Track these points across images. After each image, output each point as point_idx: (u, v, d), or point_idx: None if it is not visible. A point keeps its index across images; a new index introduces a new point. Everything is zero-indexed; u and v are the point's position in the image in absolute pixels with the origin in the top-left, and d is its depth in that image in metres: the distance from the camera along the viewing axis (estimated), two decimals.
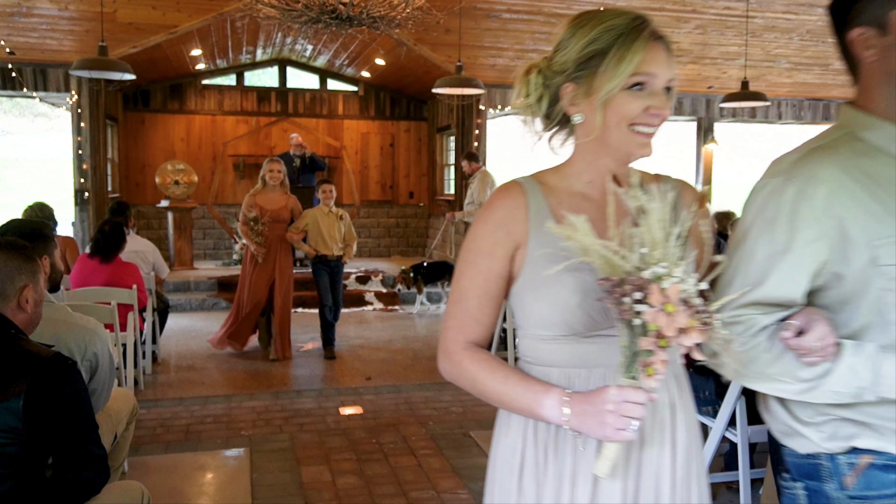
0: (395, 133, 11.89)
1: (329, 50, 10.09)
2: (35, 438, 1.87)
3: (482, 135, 9.90)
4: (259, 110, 11.30)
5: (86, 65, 5.88)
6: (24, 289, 2.07)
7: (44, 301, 2.21)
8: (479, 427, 4.42)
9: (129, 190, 10.63)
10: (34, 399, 1.85)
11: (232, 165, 11.11)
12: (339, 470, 3.80)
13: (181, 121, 11.01)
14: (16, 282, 2.06)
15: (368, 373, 5.81)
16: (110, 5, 7.05)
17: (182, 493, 3.51)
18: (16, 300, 2.06)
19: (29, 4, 7.15)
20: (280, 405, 4.93)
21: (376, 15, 5.93)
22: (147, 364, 5.61)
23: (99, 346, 2.65)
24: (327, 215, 6.19)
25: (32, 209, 5.31)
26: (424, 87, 9.63)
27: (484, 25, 8.28)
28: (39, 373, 1.88)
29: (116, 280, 4.86)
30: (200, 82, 11.02)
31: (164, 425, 4.48)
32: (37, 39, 7.92)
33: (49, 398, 1.88)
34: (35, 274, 2.12)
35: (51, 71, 8.44)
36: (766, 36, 8.85)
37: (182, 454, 4.01)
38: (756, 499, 3.20)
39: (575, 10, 8.01)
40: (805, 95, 11.10)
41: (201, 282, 8.90)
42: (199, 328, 7.45)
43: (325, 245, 6.15)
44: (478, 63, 9.12)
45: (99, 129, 8.64)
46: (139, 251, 5.66)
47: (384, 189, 11.92)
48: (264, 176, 6.09)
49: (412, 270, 8.58)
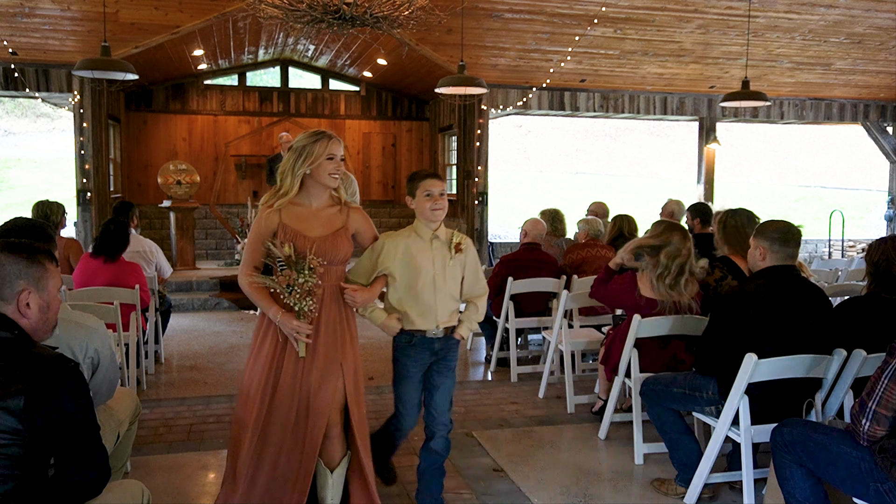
0: (397, 133, 11.89)
1: (331, 50, 10.10)
2: (36, 439, 1.87)
3: (484, 134, 9.90)
4: (261, 110, 11.31)
5: (88, 65, 5.89)
6: (23, 293, 1.98)
7: (54, 307, 2.09)
8: (481, 427, 4.42)
9: (131, 190, 10.64)
10: (36, 400, 1.85)
11: (234, 165, 11.12)
12: None
13: (183, 121, 11.03)
14: (15, 286, 1.97)
15: (370, 373, 5.81)
16: (112, 6, 7.06)
17: (185, 492, 3.51)
18: (14, 304, 1.98)
19: (31, 5, 7.16)
20: None
21: (379, 15, 5.93)
22: (150, 364, 5.61)
23: (99, 342, 2.65)
24: (429, 243, 3.10)
25: (40, 207, 5.28)
26: (426, 87, 9.64)
27: (486, 25, 8.28)
28: (41, 374, 1.88)
29: (119, 280, 4.86)
30: (202, 82, 11.03)
31: (166, 425, 4.49)
32: (39, 40, 7.94)
33: (51, 399, 1.87)
34: (38, 279, 2.01)
35: (53, 71, 8.46)
36: (768, 35, 8.84)
37: (185, 454, 4.01)
38: (759, 499, 3.20)
39: (576, 10, 8.02)
40: (807, 95, 11.09)
41: (203, 282, 8.91)
42: (202, 328, 7.46)
43: (422, 310, 3.10)
44: (480, 63, 9.12)
45: (101, 130, 8.65)
46: (142, 251, 5.66)
47: (386, 189, 11.93)
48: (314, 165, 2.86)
49: None
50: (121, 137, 10.34)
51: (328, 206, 2.98)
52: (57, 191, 18.39)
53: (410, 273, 3.04)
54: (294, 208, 2.92)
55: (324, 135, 2.90)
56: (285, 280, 2.75)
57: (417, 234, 3.08)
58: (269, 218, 2.89)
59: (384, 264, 3.05)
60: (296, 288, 2.75)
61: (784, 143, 30.03)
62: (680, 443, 3.45)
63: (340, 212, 3.00)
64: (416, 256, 3.04)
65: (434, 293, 3.05)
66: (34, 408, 1.85)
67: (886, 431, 2.40)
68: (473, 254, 3.17)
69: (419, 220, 3.09)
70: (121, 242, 4.96)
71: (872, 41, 9.17)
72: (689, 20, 8.40)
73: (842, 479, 2.54)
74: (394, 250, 3.05)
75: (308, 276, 2.76)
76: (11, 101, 24.40)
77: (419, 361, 3.10)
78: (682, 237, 3.82)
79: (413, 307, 3.06)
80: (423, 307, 3.05)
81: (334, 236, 2.92)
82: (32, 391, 1.85)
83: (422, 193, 3.05)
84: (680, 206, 6.72)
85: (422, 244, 3.06)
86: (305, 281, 2.74)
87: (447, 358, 3.15)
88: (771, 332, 3.09)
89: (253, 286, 2.88)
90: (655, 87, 10.39)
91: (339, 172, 2.90)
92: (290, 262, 2.78)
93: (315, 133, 2.90)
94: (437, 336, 3.09)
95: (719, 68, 9.85)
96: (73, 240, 5.75)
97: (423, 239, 3.07)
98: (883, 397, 2.36)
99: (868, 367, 3.05)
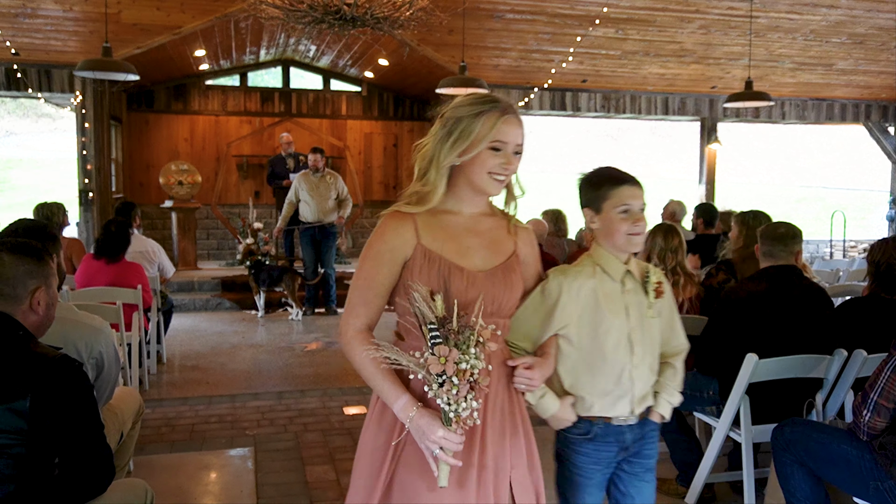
0: (399, 133, 11.90)
1: (332, 50, 10.11)
2: (41, 439, 1.88)
3: None
4: (262, 111, 11.32)
5: (90, 66, 5.90)
6: (37, 291, 2.06)
7: (56, 303, 2.20)
8: None
9: (132, 190, 10.65)
10: (41, 400, 1.87)
11: (236, 166, 11.13)
12: (344, 469, 3.81)
13: (185, 121, 11.03)
14: (28, 285, 2.05)
15: None
16: (114, 6, 7.07)
17: (187, 492, 3.52)
18: (28, 302, 2.05)
19: (33, 5, 7.17)
20: (284, 405, 4.94)
21: (380, 16, 5.93)
22: (152, 364, 5.62)
23: (104, 344, 2.66)
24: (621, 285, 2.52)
25: (42, 209, 5.29)
26: (428, 87, 9.64)
27: (487, 26, 8.28)
28: (46, 374, 1.90)
29: (121, 280, 4.87)
30: (204, 83, 11.04)
31: (168, 425, 4.50)
32: (41, 40, 7.95)
33: (55, 400, 1.89)
34: (48, 277, 2.11)
35: (55, 72, 8.47)
36: (770, 36, 8.84)
37: (187, 454, 4.02)
38: (760, 498, 3.20)
39: (578, 10, 8.02)
40: (809, 95, 11.08)
41: (205, 282, 8.92)
42: (203, 328, 7.48)
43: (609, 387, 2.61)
44: (481, 63, 9.12)
45: (103, 130, 8.66)
46: (145, 251, 5.67)
47: (387, 189, 11.92)
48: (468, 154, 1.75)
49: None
50: (122, 138, 10.35)
51: (487, 213, 1.85)
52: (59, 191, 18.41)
53: (595, 332, 2.01)
54: (438, 219, 1.77)
55: (495, 105, 1.72)
56: (438, 364, 1.58)
57: (604, 270, 2.04)
58: (400, 230, 1.73)
59: (561, 320, 1.98)
60: (453, 378, 1.58)
61: (785, 143, 30.01)
62: (680, 442, 3.45)
63: (507, 229, 1.86)
64: (603, 306, 2.01)
65: (630, 360, 2.03)
66: (40, 408, 1.86)
67: (886, 424, 2.41)
68: (669, 293, 2.16)
69: (603, 250, 2.05)
70: (122, 243, 4.97)
71: (874, 41, 9.17)
72: (690, 20, 8.39)
73: (842, 479, 2.55)
74: (574, 297, 2.00)
75: (475, 357, 1.58)
76: (13, 101, 24.41)
77: (602, 461, 2.09)
78: (665, 235, 3.81)
79: (594, 383, 2.03)
80: (611, 383, 2.03)
81: (506, 271, 1.79)
82: (38, 392, 1.87)
83: (614, 208, 2.01)
84: (681, 206, 6.72)
85: (612, 287, 2.04)
86: (471, 367, 1.59)
87: (643, 453, 2.13)
88: (771, 332, 3.10)
89: (371, 360, 1.67)
90: (657, 87, 10.38)
91: (509, 172, 1.75)
92: (449, 331, 1.59)
93: (481, 99, 1.75)
94: (629, 423, 2.07)
95: (721, 69, 9.84)
96: (75, 240, 5.77)
97: (612, 279, 2.04)
98: (885, 389, 2.39)
99: (869, 368, 3.06)
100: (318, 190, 8.08)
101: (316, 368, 5.98)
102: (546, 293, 1.97)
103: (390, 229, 1.74)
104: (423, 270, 1.70)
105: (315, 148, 8.23)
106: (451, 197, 1.78)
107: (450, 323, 1.60)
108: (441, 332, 1.59)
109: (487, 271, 1.75)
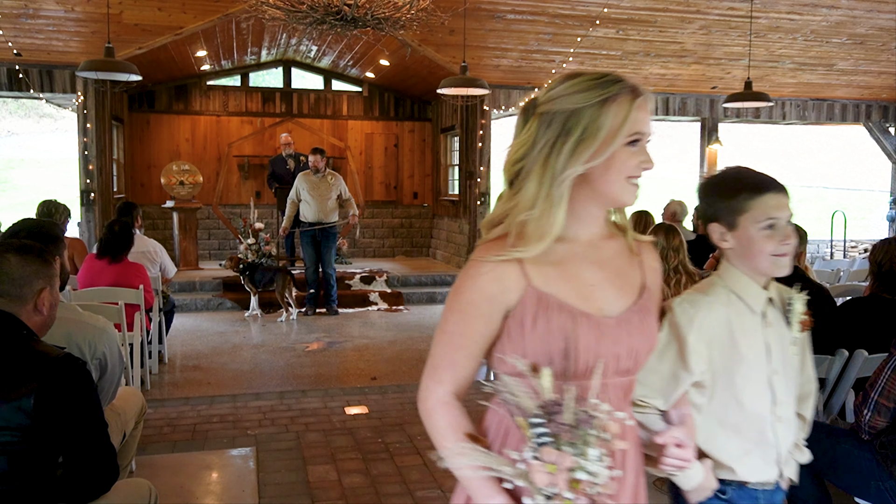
0: (400, 133, 11.91)
1: (333, 51, 10.12)
2: (45, 437, 1.89)
3: (486, 135, 9.91)
4: (264, 111, 11.33)
5: (92, 66, 5.91)
6: (42, 291, 2.08)
7: (58, 303, 2.22)
8: None
9: (134, 190, 10.66)
10: (44, 399, 1.87)
11: (237, 166, 11.14)
12: (346, 469, 3.82)
13: (186, 121, 11.05)
14: (34, 285, 2.07)
15: (373, 373, 5.83)
16: (116, 7, 7.08)
17: (189, 492, 3.52)
18: (32, 303, 2.07)
19: (35, 6, 7.18)
20: (286, 405, 4.95)
21: (381, 16, 5.94)
22: (153, 364, 5.63)
23: (108, 344, 2.67)
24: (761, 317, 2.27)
25: (45, 206, 5.29)
26: (429, 87, 9.65)
27: (488, 26, 8.29)
28: (50, 373, 1.91)
29: (123, 280, 4.88)
30: (205, 83, 11.06)
31: (170, 424, 4.51)
32: (43, 41, 7.96)
33: (59, 398, 1.90)
34: (52, 277, 2.13)
35: (57, 72, 8.48)
36: (770, 36, 8.85)
37: (189, 453, 4.03)
38: None
39: (578, 11, 8.03)
40: (809, 96, 11.09)
41: (206, 282, 8.93)
42: (205, 328, 7.49)
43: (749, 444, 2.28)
44: (482, 64, 9.13)
45: (104, 130, 8.67)
46: (146, 251, 5.68)
47: (388, 189, 11.93)
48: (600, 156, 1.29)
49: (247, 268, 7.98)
50: (124, 138, 10.36)
51: (606, 235, 1.40)
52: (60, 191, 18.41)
53: (731, 377, 1.62)
54: (549, 250, 1.30)
55: (622, 86, 1.29)
56: (544, 474, 1.15)
57: (741, 298, 1.64)
58: (500, 272, 1.28)
59: (698, 366, 1.60)
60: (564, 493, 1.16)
61: (786, 143, 30.01)
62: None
63: (630, 248, 1.41)
64: (740, 344, 1.61)
65: (773, 410, 1.63)
66: (44, 407, 1.87)
67: (887, 423, 2.42)
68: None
69: (739, 272, 1.66)
70: (124, 243, 4.98)
71: (874, 42, 9.17)
72: (690, 21, 8.40)
73: (843, 478, 2.56)
74: (708, 335, 1.60)
75: (597, 462, 1.15)
76: (15, 101, 24.43)
77: None
78: (667, 235, 3.83)
79: (732, 438, 1.63)
80: (752, 438, 1.63)
81: (641, 313, 1.36)
82: (42, 390, 1.88)
83: (756, 223, 1.61)
84: (682, 206, 6.72)
85: (751, 320, 1.64)
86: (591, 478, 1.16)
87: None
88: None
89: (463, 454, 1.28)
90: (657, 87, 10.39)
91: (647, 168, 1.33)
92: (560, 427, 1.14)
93: (599, 81, 1.30)
94: (772, 489, 1.67)
95: (721, 69, 9.85)
96: (77, 240, 5.78)
97: (752, 310, 1.65)
98: (885, 388, 2.40)
99: (869, 368, 3.06)
100: (319, 190, 8.10)
101: (317, 368, 5.99)
102: (674, 331, 1.57)
103: (485, 272, 1.28)
104: (538, 323, 1.25)
105: (316, 148, 8.25)
106: (567, 218, 1.31)
107: (560, 412, 1.13)
108: (549, 428, 1.13)
109: (618, 317, 1.31)
